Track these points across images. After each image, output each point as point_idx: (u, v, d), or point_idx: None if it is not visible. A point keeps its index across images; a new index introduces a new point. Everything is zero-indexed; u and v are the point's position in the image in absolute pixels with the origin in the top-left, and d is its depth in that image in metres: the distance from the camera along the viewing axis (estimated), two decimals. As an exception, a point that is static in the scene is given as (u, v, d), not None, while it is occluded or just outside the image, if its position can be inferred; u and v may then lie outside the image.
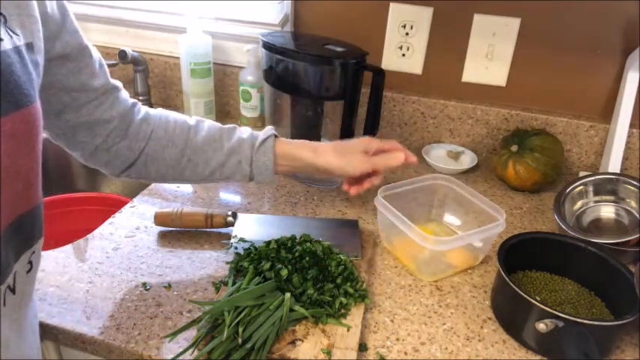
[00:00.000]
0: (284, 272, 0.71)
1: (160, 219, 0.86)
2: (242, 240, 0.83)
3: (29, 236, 0.55)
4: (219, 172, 0.78)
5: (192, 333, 0.65)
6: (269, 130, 0.80)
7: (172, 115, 0.79)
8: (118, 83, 0.75)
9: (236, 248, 0.81)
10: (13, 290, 0.53)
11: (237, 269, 0.75)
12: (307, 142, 0.81)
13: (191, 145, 0.77)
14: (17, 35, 0.51)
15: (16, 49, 0.50)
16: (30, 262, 0.56)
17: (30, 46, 0.53)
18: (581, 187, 0.97)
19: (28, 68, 0.51)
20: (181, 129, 0.77)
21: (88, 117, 0.70)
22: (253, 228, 0.87)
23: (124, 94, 0.76)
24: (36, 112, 0.51)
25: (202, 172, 0.78)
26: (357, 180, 0.83)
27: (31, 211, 0.54)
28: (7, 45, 0.48)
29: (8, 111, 0.47)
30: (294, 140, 0.81)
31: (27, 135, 0.50)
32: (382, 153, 0.83)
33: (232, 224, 0.86)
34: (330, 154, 0.79)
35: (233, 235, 0.85)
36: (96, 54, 0.71)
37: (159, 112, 0.79)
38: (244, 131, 0.80)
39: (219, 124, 0.80)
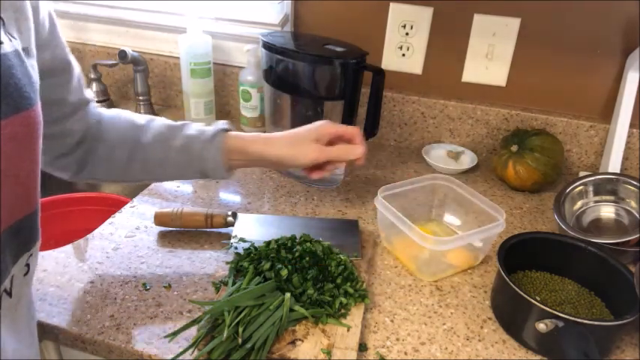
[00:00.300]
0: (284, 272, 0.71)
1: (160, 219, 0.86)
2: (242, 240, 0.83)
3: (27, 240, 0.54)
4: (170, 171, 0.77)
5: (192, 333, 0.65)
6: (219, 124, 0.78)
7: (124, 115, 0.78)
8: (90, 95, 0.76)
9: (236, 248, 0.81)
10: (9, 293, 0.53)
11: (237, 269, 0.75)
12: (260, 134, 0.78)
13: (140, 145, 0.75)
14: (15, 39, 0.51)
15: (16, 53, 0.50)
16: (27, 265, 0.55)
17: (27, 51, 0.53)
18: (581, 187, 0.97)
19: (28, 71, 0.51)
20: (131, 129, 0.76)
21: (57, 128, 0.70)
22: (253, 228, 0.87)
23: (93, 104, 0.77)
24: (36, 115, 0.51)
25: (153, 171, 0.77)
26: (318, 166, 0.80)
27: (30, 215, 0.54)
28: (7, 48, 0.48)
29: (8, 114, 0.47)
30: (247, 133, 0.78)
31: (27, 138, 0.50)
32: (340, 141, 0.80)
33: (232, 224, 0.86)
34: (281, 145, 0.76)
35: (233, 235, 0.85)
36: (77, 69, 0.72)
37: (112, 112, 0.78)
38: (194, 128, 0.78)
39: (169, 122, 0.78)
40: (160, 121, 0.78)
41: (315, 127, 0.78)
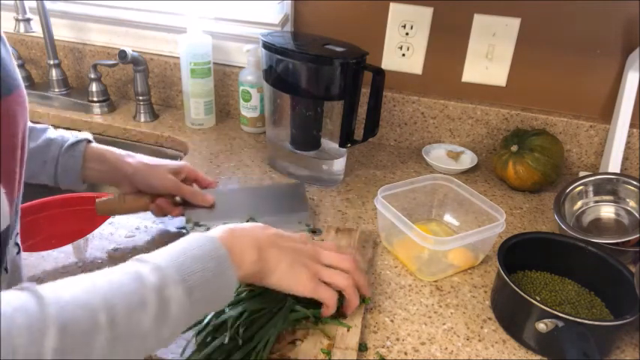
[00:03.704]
0: None
1: (102, 207, 0.83)
2: (197, 224, 0.82)
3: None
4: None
5: (192, 333, 0.65)
6: (84, 134, 0.79)
7: None
8: None
9: None
10: (7, 270, 0.56)
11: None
12: (123, 151, 0.80)
13: None
14: None
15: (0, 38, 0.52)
16: (17, 244, 0.58)
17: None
18: (581, 187, 0.97)
19: (10, 55, 0.53)
20: None
21: None
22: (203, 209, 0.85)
23: None
24: (24, 93, 0.54)
25: None
26: (162, 208, 0.82)
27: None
28: None
29: (7, 93, 0.50)
30: (110, 147, 0.80)
31: (21, 114, 0.53)
32: (197, 184, 0.85)
33: (180, 203, 0.85)
34: (139, 161, 0.78)
35: (186, 219, 0.83)
36: None
37: None
38: (55, 132, 0.78)
39: (30, 124, 0.76)
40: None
41: (177, 162, 0.81)
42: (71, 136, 0.78)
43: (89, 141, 0.78)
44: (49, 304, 0.39)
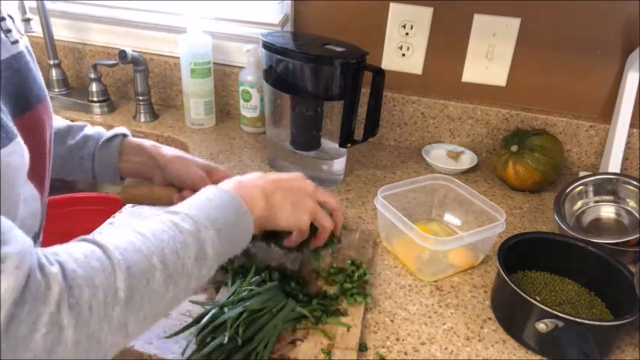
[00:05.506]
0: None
1: (129, 193, 0.81)
2: None
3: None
4: (60, 169, 0.76)
5: (192, 333, 0.65)
6: (119, 129, 0.80)
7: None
8: None
9: None
10: None
11: (236, 270, 0.75)
12: (158, 143, 0.81)
13: None
14: (24, 36, 0.55)
15: (27, 49, 0.55)
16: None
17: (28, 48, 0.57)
18: (581, 187, 0.97)
19: (37, 65, 0.56)
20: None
21: None
22: None
23: None
24: (49, 102, 0.58)
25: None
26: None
27: None
28: (21, 46, 0.53)
29: (34, 104, 0.53)
30: (146, 140, 0.81)
31: (48, 123, 0.58)
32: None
33: None
34: (174, 152, 0.79)
35: None
36: None
37: None
38: (92, 129, 0.80)
39: (68, 122, 0.79)
40: (60, 122, 0.79)
41: (210, 163, 0.82)
42: (108, 132, 0.80)
43: (125, 135, 0.80)
44: (112, 250, 0.44)
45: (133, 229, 0.49)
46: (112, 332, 0.42)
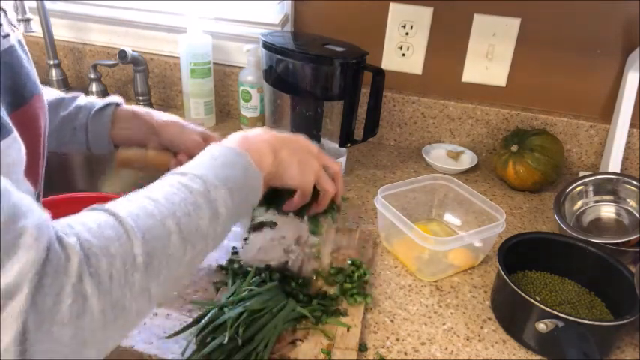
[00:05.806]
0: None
1: (123, 158, 0.79)
2: None
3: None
4: (55, 141, 0.74)
5: (192, 333, 0.65)
6: (113, 97, 0.78)
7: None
8: None
9: (234, 248, 0.81)
10: None
11: (236, 270, 0.75)
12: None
13: None
14: (17, 29, 0.54)
15: (20, 43, 0.53)
16: None
17: (21, 42, 0.56)
18: (581, 187, 0.97)
19: (30, 59, 0.55)
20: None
21: None
22: None
23: None
24: (43, 95, 0.56)
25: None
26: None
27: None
28: (12, 40, 0.51)
29: (27, 99, 0.52)
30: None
31: (43, 116, 0.56)
32: None
33: None
34: (170, 117, 0.77)
35: None
36: None
37: None
38: (85, 99, 0.77)
39: (61, 94, 0.77)
40: (52, 93, 0.76)
41: (208, 131, 0.80)
42: (100, 101, 0.77)
43: (118, 104, 0.77)
44: (125, 216, 0.44)
45: (143, 195, 0.48)
46: (135, 298, 0.42)
